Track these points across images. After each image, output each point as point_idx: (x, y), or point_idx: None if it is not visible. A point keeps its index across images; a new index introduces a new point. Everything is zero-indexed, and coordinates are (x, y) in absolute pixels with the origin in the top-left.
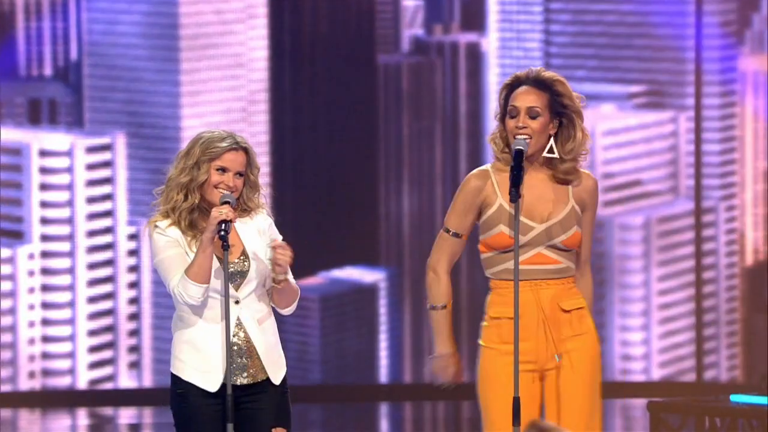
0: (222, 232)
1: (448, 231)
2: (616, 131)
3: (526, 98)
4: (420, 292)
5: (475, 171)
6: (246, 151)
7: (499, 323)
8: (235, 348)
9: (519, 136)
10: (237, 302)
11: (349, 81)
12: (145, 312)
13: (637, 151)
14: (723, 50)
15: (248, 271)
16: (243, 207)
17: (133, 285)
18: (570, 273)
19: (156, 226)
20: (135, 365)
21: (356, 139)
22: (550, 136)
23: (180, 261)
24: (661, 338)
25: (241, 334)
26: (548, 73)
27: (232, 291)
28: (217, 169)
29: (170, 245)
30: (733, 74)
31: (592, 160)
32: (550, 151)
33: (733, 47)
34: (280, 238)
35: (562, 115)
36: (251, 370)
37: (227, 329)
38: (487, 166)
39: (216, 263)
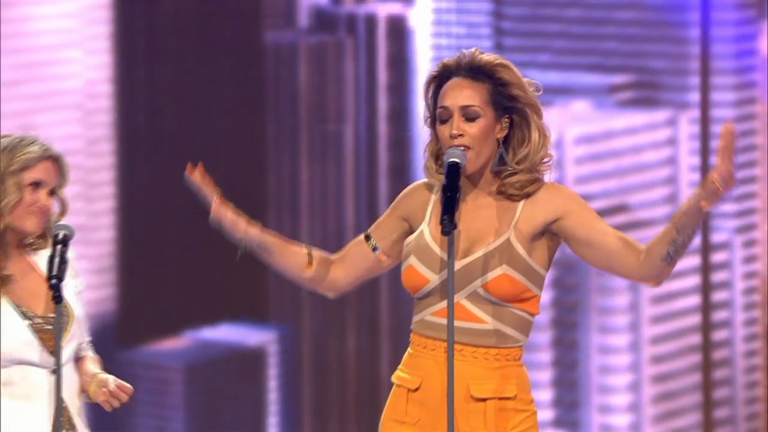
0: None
1: (366, 234)
2: (592, 137)
3: (459, 94)
4: (324, 357)
5: (423, 180)
6: (57, 160)
7: (397, 393)
8: None
9: (452, 148)
10: (52, 371)
11: (224, 70)
12: None
13: (622, 164)
14: (738, 26)
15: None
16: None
17: None
18: (505, 342)
19: None
20: None
21: (235, 149)
22: (498, 142)
23: None
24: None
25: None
26: (486, 56)
27: (46, 357)
28: (30, 184)
29: None
30: (751, 59)
31: (561, 177)
32: (501, 161)
33: (752, 22)
34: (83, 283)
35: (510, 111)
36: None
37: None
38: (435, 181)
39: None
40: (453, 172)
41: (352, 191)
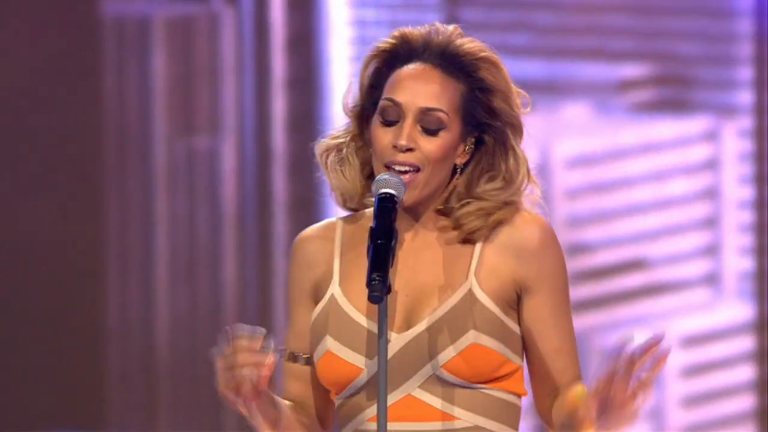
0: None
1: (287, 353)
2: (592, 158)
3: (421, 90)
4: None
5: (313, 226)
6: None
7: None
8: None
9: (391, 174)
10: None
11: (41, 54)
12: None
13: (638, 198)
14: None
15: None
16: None
17: None
18: None
19: None
20: None
21: (56, 172)
22: (455, 169)
23: None
24: None
25: None
26: (469, 43)
27: None
28: None
29: None
30: None
31: (549, 218)
32: (456, 194)
33: None
34: None
35: (483, 128)
36: None
37: None
38: (337, 220)
39: None
40: (385, 210)
41: (233, 240)
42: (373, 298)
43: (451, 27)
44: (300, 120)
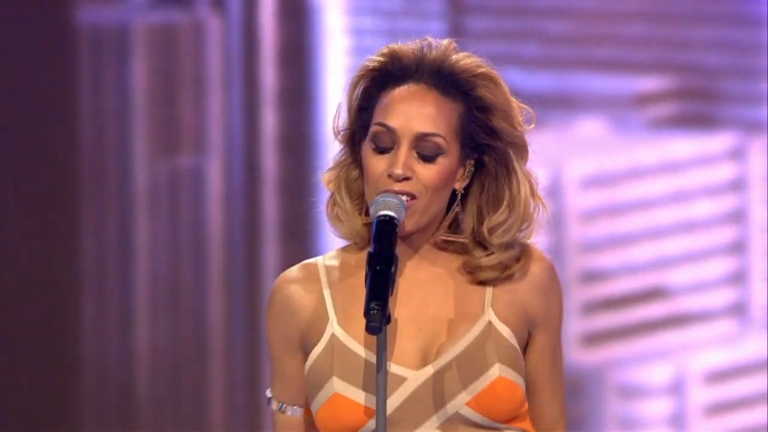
0: None
1: (275, 404)
2: (608, 178)
3: (417, 114)
4: None
5: (291, 269)
6: None
7: None
8: None
9: (390, 195)
10: None
11: (10, 65)
12: None
13: (657, 222)
14: None
15: None
16: None
17: None
18: None
19: None
20: None
21: (27, 194)
22: (456, 195)
23: None
24: None
25: None
26: (465, 59)
27: None
28: None
29: None
30: None
31: (558, 243)
32: (455, 226)
33: None
34: None
35: (483, 149)
36: None
37: None
38: (316, 259)
39: None
40: (385, 234)
41: (219, 270)
42: (371, 329)
43: (445, 41)
44: (292, 138)
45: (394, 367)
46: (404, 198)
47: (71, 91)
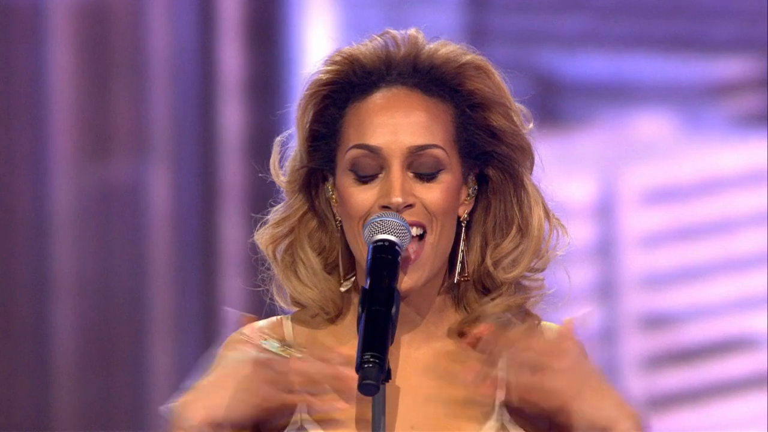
0: None
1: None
2: (678, 192)
3: (406, 122)
4: None
5: (252, 325)
6: None
7: None
8: None
9: (389, 214)
10: None
11: None
12: None
13: (742, 249)
14: None
15: None
16: None
17: None
18: None
19: None
20: None
21: None
22: (462, 224)
23: None
24: None
25: None
26: (445, 47)
27: None
28: None
29: None
30: None
31: (613, 273)
32: (461, 267)
33: None
34: None
35: (486, 160)
36: None
37: None
38: (280, 316)
39: None
40: (382, 264)
41: (166, 310)
42: (365, 389)
43: (411, 30)
44: (261, 139)
45: None
46: (418, 229)
47: None
